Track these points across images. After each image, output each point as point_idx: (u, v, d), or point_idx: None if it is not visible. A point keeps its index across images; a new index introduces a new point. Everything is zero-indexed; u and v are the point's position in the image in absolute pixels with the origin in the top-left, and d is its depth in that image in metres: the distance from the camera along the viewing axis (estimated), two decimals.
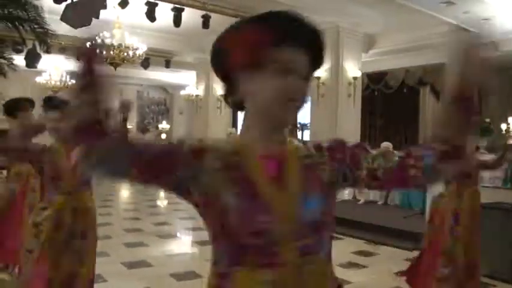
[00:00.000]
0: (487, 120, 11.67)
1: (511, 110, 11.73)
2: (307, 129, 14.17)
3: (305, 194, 1.09)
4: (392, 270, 4.66)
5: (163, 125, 22.02)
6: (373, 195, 9.40)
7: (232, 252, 1.08)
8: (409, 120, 14.93)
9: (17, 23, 5.50)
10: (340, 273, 4.77)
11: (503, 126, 11.73)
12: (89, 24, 8.87)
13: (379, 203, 9.26)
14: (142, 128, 21.29)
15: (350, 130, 11.76)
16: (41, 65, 12.51)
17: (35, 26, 5.72)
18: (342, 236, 6.96)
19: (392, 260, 5.26)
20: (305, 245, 1.07)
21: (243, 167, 1.09)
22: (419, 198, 7.89)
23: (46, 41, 7.12)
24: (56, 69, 15.65)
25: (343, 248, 6.40)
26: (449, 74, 1.03)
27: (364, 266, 5.39)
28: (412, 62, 13.31)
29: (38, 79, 15.71)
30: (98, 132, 0.96)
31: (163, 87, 22.34)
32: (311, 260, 1.08)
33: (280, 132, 1.16)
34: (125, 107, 3.06)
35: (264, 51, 1.07)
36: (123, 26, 11.49)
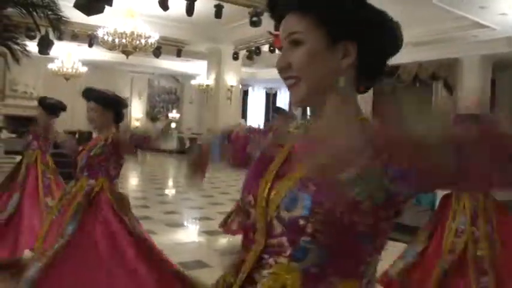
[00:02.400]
0: None
1: None
2: None
3: (290, 189, 0.98)
4: None
5: (173, 114, 22.06)
6: None
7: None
8: (421, 114, 14.82)
9: (30, 9, 5.49)
10: None
11: None
12: (102, 12, 8.88)
13: None
14: (152, 117, 21.36)
15: None
16: (53, 51, 12.56)
17: (49, 13, 5.70)
18: None
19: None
20: (277, 243, 1.01)
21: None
22: (429, 195, 7.81)
23: (60, 27, 7.13)
24: (68, 56, 15.72)
25: None
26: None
27: None
28: (425, 56, 13.21)
29: (50, 66, 15.78)
30: None
31: (174, 76, 22.37)
32: (276, 266, 1.01)
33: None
34: None
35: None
36: (136, 14, 11.50)
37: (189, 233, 6.67)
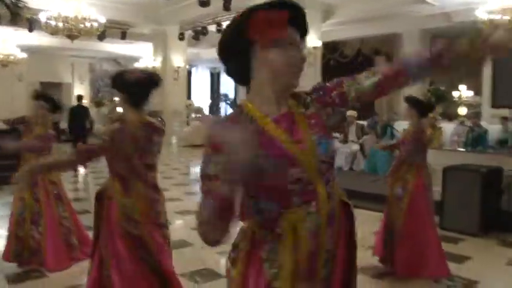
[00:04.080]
0: (442, 88, 12.24)
1: (465, 79, 12.34)
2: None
3: (317, 139, 1.40)
4: (371, 230, 4.95)
5: (118, 98, 21.52)
6: (339, 161, 9.73)
7: (279, 199, 1.38)
8: None
9: None
10: None
11: (456, 94, 12.33)
12: None
13: (344, 168, 9.61)
14: (97, 102, 20.74)
15: None
16: None
17: None
18: None
19: (369, 221, 5.54)
20: (326, 177, 1.41)
21: (264, 131, 1.38)
22: (385, 163, 8.26)
23: (18, 13, 6.80)
24: (4, 42, 14.89)
25: None
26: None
27: None
28: (368, 32, 13.68)
29: None
30: None
31: (116, 60, 21.75)
32: (331, 186, 1.42)
33: (287, 93, 1.47)
34: None
35: (281, 30, 1.37)
36: None
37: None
